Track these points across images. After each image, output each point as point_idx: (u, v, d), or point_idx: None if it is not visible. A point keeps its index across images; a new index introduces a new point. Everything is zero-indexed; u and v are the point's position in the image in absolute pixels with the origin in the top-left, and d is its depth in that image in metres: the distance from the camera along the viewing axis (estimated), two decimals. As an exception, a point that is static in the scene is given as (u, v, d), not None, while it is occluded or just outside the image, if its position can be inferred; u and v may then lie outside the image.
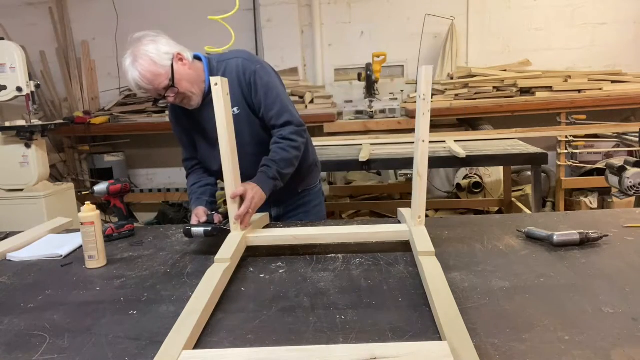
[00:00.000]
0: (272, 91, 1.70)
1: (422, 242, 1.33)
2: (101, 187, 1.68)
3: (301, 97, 4.46)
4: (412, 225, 1.46)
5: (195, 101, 1.70)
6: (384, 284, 1.20)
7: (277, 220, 1.94)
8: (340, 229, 1.56)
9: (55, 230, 1.82)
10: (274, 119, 1.70)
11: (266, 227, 1.73)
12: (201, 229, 1.49)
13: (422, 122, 1.37)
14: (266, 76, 1.71)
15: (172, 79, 1.61)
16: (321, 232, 1.52)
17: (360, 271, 1.29)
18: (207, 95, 1.70)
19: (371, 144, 3.53)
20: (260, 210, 1.61)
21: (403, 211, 1.62)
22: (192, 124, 1.81)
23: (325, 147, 3.61)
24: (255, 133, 1.75)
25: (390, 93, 4.55)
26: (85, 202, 1.43)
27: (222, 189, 1.57)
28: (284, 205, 1.94)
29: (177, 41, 1.70)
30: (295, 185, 1.89)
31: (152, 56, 1.58)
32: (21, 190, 3.50)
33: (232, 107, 1.62)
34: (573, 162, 4.07)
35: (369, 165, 3.03)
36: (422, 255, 1.26)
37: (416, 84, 2.40)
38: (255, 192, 1.52)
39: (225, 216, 1.54)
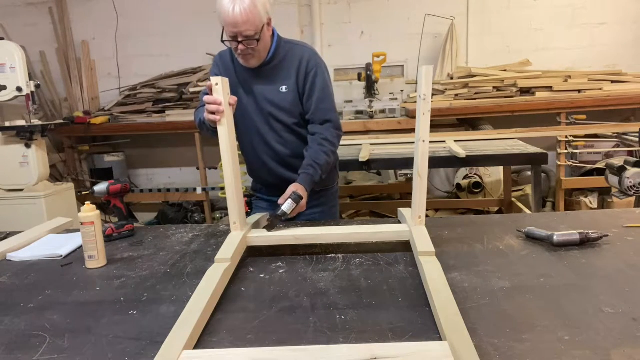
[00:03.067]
0: (328, 89, 1.83)
1: (422, 242, 1.33)
2: (101, 187, 1.68)
3: (301, 97, 4.46)
4: (412, 225, 1.46)
5: (254, 63, 1.76)
6: (384, 284, 1.20)
7: (292, 217, 1.95)
8: (340, 229, 1.56)
9: (55, 230, 1.82)
10: (321, 112, 1.80)
11: (266, 227, 1.73)
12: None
13: (422, 122, 1.37)
14: (327, 74, 1.85)
15: (260, 35, 1.66)
16: (321, 232, 1.52)
17: (360, 271, 1.29)
18: (262, 66, 1.77)
19: (371, 144, 3.53)
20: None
21: (403, 211, 1.62)
22: (236, 84, 1.82)
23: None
24: (292, 114, 1.83)
25: (390, 93, 4.54)
26: (85, 202, 1.43)
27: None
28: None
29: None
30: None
31: (258, 5, 1.62)
32: (21, 190, 3.50)
33: (282, 85, 1.79)
34: (573, 162, 4.07)
35: (369, 165, 3.03)
36: (422, 255, 1.26)
37: (416, 84, 2.40)
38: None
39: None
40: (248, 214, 1.53)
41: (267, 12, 1.68)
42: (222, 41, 1.69)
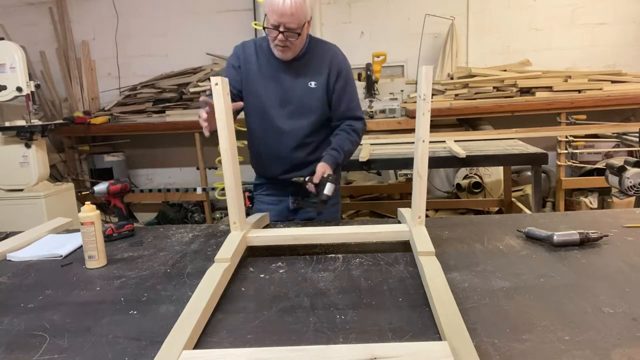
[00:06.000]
0: (355, 90, 1.94)
1: (422, 242, 1.33)
2: (101, 187, 1.68)
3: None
4: (412, 225, 1.46)
5: (289, 55, 1.80)
6: (384, 284, 1.20)
7: (294, 212, 1.98)
8: (340, 229, 1.56)
9: (55, 230, 1.82)
10: (353, 109, 1.92)
11: (266, 227, 1.73)
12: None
13: (422, 122, 1.37)
14: (352, 76, 1.94)
15: (301, 30, 1.71)
16: (321, 232, 1.52)
17: (360, 271, 1.29)
18: (292, 60, 1.82)
19: (371, 144, 3.53)
20: (279, 200, 1.89)
21: (403, 211, 1.62)
22: (258, 76, 1.86)
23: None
24: (316, 111, 1.87)
25: (390, 93, 4.54)
26: (85, 202, 1.43)
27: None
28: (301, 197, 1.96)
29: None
30: None
31: (307, 1, 1.68)
32: (21, 190, 3.50)
33: (311, 80, 1.84)
34: (573, 162, 4.07)
35: (369, 165, 3.03)
36: (422, 255, 1.26)
37: (416, 84, 2.40)
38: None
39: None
40: (249, 209, 1.53)
41: (311, 10, 1.73)
42: (264, 28, 1.73)
